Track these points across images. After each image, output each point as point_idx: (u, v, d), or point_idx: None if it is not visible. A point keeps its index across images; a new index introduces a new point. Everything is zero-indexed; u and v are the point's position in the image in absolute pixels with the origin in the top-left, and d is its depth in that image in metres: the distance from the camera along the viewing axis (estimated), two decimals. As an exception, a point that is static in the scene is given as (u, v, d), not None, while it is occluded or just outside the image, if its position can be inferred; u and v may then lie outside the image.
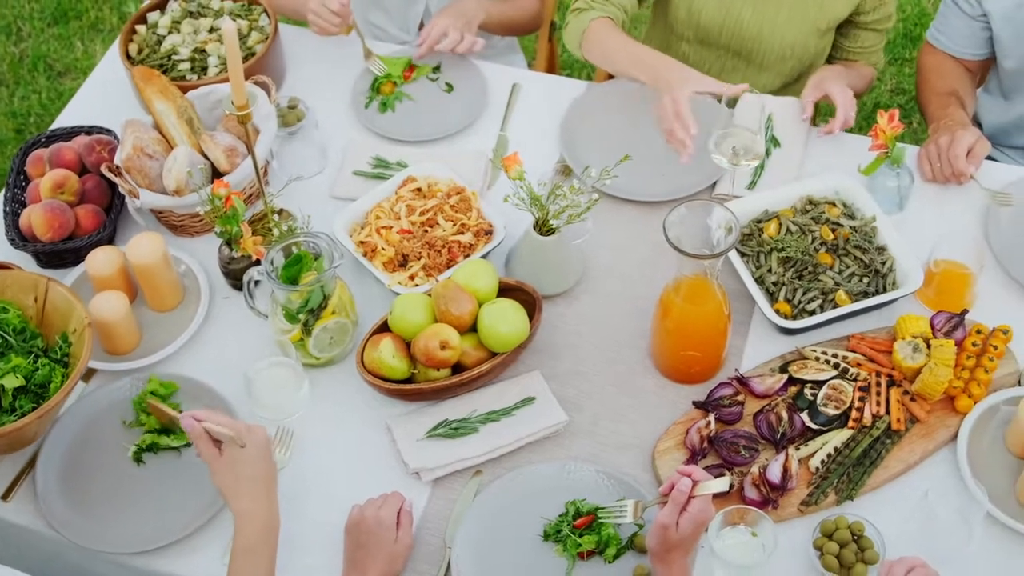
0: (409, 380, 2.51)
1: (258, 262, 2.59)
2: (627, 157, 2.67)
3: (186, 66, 3.07)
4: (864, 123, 4.27)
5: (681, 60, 3.24)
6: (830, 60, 3.33)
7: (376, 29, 3.55)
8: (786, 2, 3.09)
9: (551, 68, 3.82)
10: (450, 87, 3.14)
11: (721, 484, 2.11)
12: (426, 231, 2.71)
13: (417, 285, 2.64)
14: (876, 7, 3.14)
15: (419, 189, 2.80)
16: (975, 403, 2.51)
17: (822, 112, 3.49)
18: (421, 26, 3.47)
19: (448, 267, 2.66)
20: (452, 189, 2.79)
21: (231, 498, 2.17)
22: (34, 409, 2.36)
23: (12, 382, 2.39)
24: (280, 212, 2.80)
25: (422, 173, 2.84)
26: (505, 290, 2.59)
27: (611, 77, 3.27)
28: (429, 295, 2.54)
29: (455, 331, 2.46)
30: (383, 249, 2.68)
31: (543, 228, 2.61)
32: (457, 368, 2.51)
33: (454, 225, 2.72)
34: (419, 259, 2.67)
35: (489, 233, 2.73)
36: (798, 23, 3.11)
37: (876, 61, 3.32)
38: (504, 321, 2.47)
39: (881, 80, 4.95)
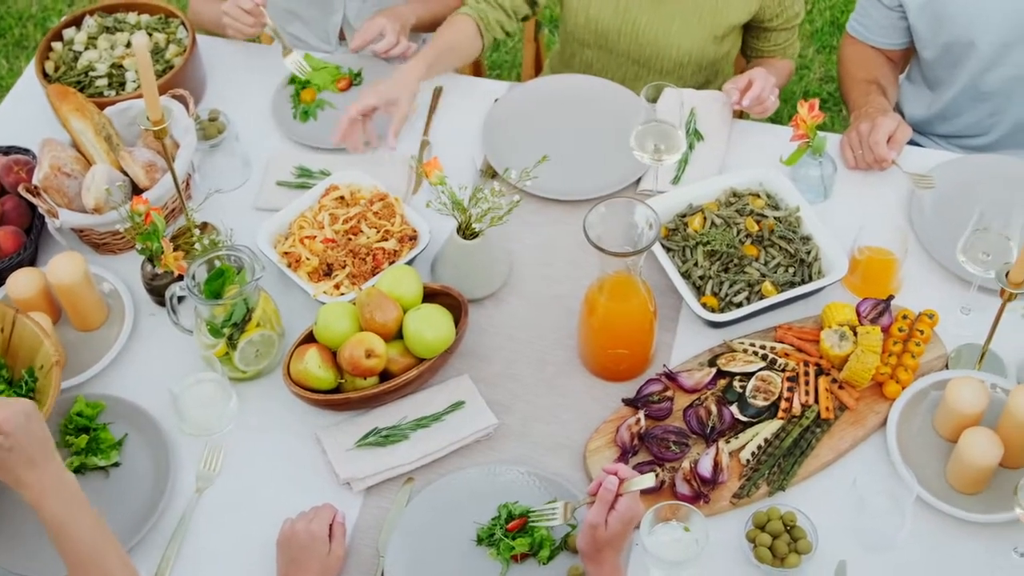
0: (337, 390, 2.49)
1: (181, 278, 2.56)
2: (545, 158, 2.68)
3: (104, 82, 3.04)
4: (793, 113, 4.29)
5: (586, 66, 3.28)
6: (747, 60, 3.35)
7: (296, 40, 3.53)
8: (680, 9, 3.11)
9: (476, 69, 3.81)
10: (372, 93, 3.13)
11: (647, 480, 2.10)
12: (350, 239, 2.70)
13: (343, 294, 2.62)
14: (779, 12, 3.17)
15: (342, 197, 2.79)
16: (903, 388, 2.52)
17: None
18: (341, 35, 3.45)
19: (373, 274, 2.65)
20: (375, 196, 2.77)
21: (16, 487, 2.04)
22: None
23: None
24: (203, 226, 2.78)
25: (344, 181, 2.82)
26: (431, 295, 2.58)
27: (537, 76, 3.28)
28: (354, 304, 2.52)
29: (380, 339, 2.45)
30: (307, 259, 2.67)
31: (466, 232, 2.60)
32: (385, 376, 2.49)
33: (378, 232, 2.70)
34: (344, 268, 2.66)
35: (414, 239, 2.72)
36: (693, 30, 3.13)
37: (792, 54, 3.35)
38: (429, 327, 2.46)
39: (809, 69, 4.98)
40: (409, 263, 2.67)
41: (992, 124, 3.19)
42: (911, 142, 3.11)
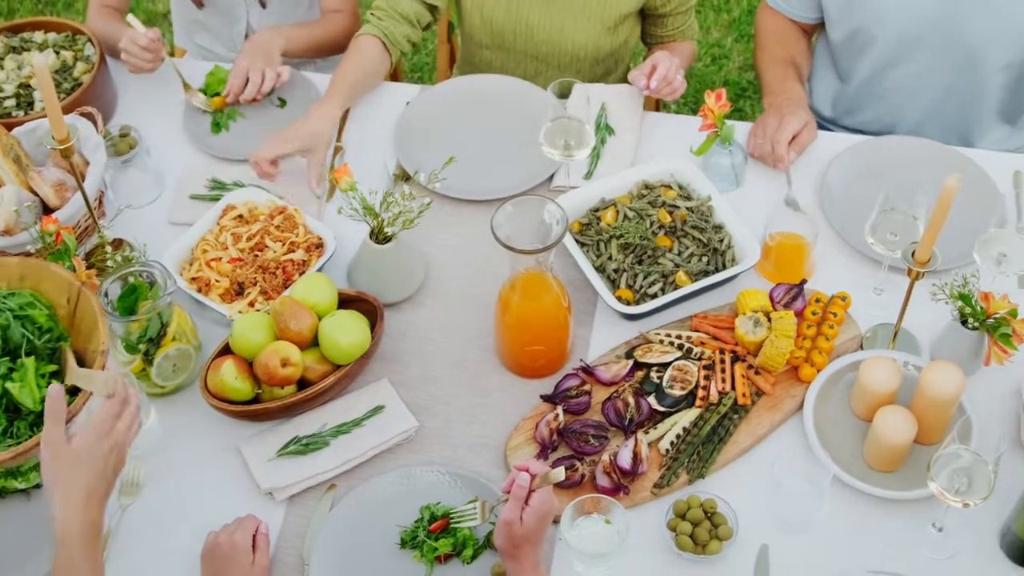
0: (256, 400, 2.49)
1: (94, 295, 2.55)
2: (452, 159, 2.70)
3: (12, 103, 3.02)
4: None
5: (486, 66, 3.29)
6: (648, 48, 3.37)
7: (204, 51, 3.52)
8: (571, 4, 3.13)
9: (393, 73, 3.81)
10: (283, 102, 3.12)
11: (558, 474, 2.12)
12: (256, 256, 2.69)
13: (258, 311, 2.61)
14: None
15: (241, 216, 2.78)
16: (818, 371, 2.55)
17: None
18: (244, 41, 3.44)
19: (285, 288, 2.65)
20: (274, 210, 2.77)
21: (49, 499, 2.05)
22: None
23: (27, 399, 2.34)
24: (117, 243, 2.77)
25: (240, 200, 2.81)
26: (346, 301, 2.58)
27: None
28: (269, 314, 2.52)
29: (296, 347, 2.45)
30: (216, 282, 2.66)
31: (379, 237, 2.60)
32: (304, 384, 2.49)
33: (283, 245, 2.70)
34: (254, 285, 2.65)
35: (320, 246, 2.72)
36: (585, 23, 3.15)
37: (692, 35, 3.38)
38: (344, 332, 2.46)
39: (728, 58, 5.01)
40: (320, 271, 2.67)
41: (892, 123, 3.22)
42: (820, 127, 3.15)
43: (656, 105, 3.60)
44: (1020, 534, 2.27)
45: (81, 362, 2.39)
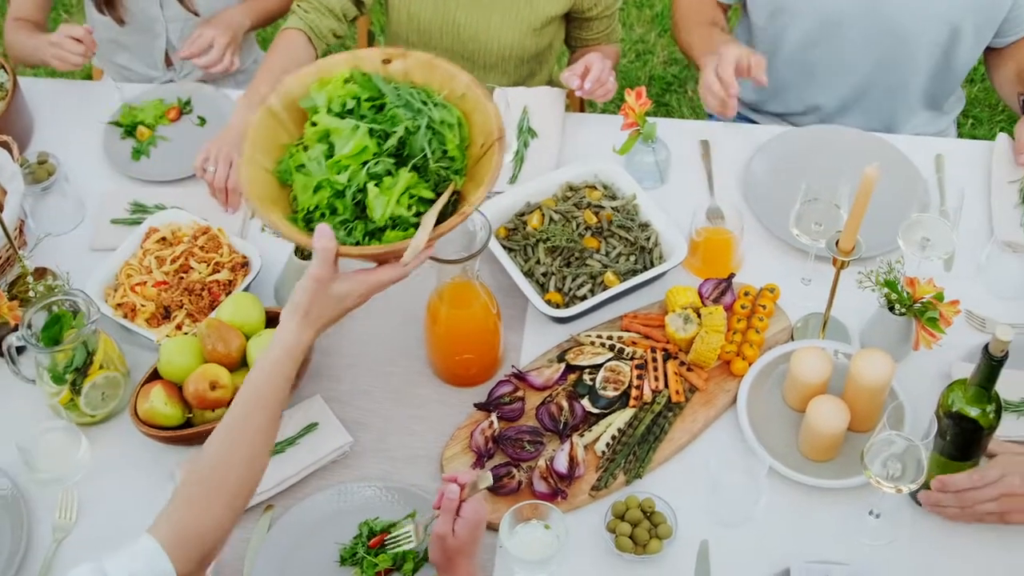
0: (188, 424, 2.46)
1: (17, 327, 2.52)
2: None
3: (-74, 136, 2.98)
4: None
5: None
6: (572, 51, 3.37)
7: (123, 70, 3.49)
8: (498, 4, 3.13)
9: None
10: (203, 120, 3.10)
11: (486, 479, 2.12)
12: (181, 278, 2.66)
13: (186, 334, 2.59)
14: (596, 2, 3.20)
15: (164, 238, 2.75)
16: (750, 364, 2.55)
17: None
18: (167, 61, 3.42)
19: (212, 308, 2.62)
20: (197, 230, 2.74)
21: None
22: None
23: (377, 208, 2.03)
24: (40, 272, 2.73)
25: (163, 222, 2.79)
26: (274, 319, 2.55)
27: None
28: (196, 336, 2.50)
29: (225, 369, 2.43)
30: (142, 306, 2.63)
31: (304, 251, 2.59)
32: (235, 405, 2.47)
33: (208, 266, 2.68)
34: (181, 307, 2.62)
35: (246, 265, 2.69)
36: (511, 23, 3.14)
37: (616, 39, 3.38)
38: (273, 351, 2.44)
39: (652, 53, 5.03)
40: (246, 290, 2.65)
41: (817, 105, 3.23)
42: (745, 118, 3.16)
43: (580, 106, 3.60)
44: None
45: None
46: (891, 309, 2.49)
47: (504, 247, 2.70)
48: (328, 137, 2.06)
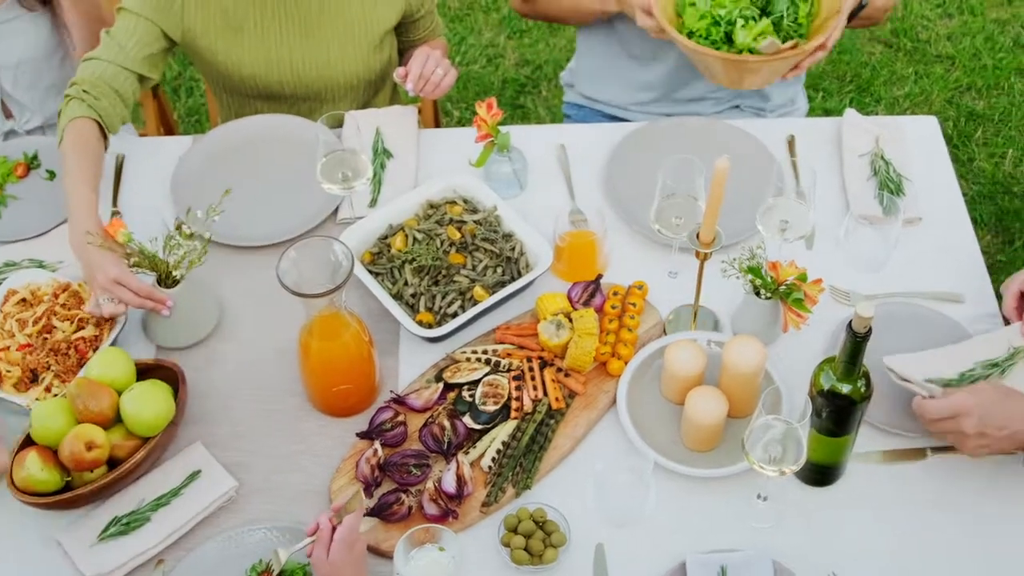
0: (67, 487, 2.41)
1: None
2: (228, 191, 2.70)
3: None
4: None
5: (257, 114, 3.21)
6: (401, 56, 3.35)
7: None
8: (331, 34, 3.09)
9: (167, 125, 3.73)
10: (51, 174, 3.03)
11: (357, 498, 2.16)
12: (45, 339, 2.61)
13: (56, 395, 2.54)
14: (422, 2, 3.21)
15: (24, 299, 2.69)
16: (626, 363, 2.57)
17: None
18: (5, 111, 3.33)
19: (80, 367, 2.57)
20: (57, 288, 2.69)
21: None
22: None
23: None
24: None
25: (20, 283, 2.72)
26: (145, 371, 2.52)
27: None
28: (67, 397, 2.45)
29: (99, 428, 2.38)
30: (8, 372, 2.57)
31: (167, 281, 2.57)
32: (113, 463, 2.42)
33: (72, 323, 2.63)
34: (48, 369, 2.57)
35: (112, 318, 2.65)
36: (352, 49, 3.12)
37: (440, 32, 3.39)
38: (146, 404, 2.40)
39: (504, 56, 5.03)
40: (114, 343, 2.60)
41: (676, 88, 3.27)
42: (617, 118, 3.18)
43: (435, 121, 3.60)
44: (811, 459, 2.34)
45: None
46: (757, 294, 2.52)
47: (370, 272, 2.69)
48: None
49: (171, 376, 2.52)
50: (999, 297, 2.62)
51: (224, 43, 3.06)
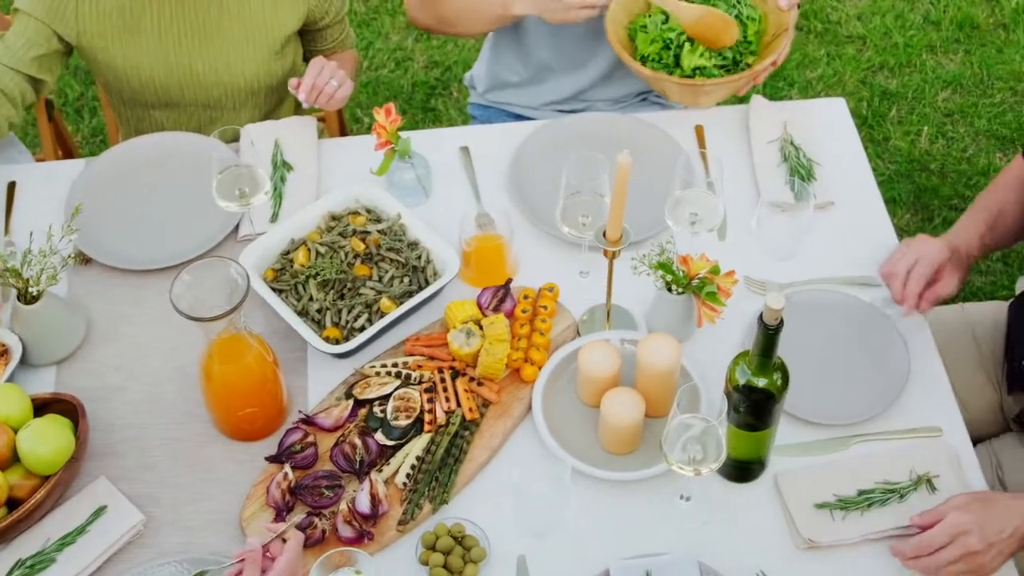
0: (-33, 532, 2.33)
1: None
2: (79, 208, 2.66)
3: None
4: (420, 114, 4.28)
5: (157, 126, 3.16)
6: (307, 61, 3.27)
7: None
8: (231, 39, 3.01)
9: (65, 147, 3.63)
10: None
11: (290, 529, 2.13)
12: (-64, 383, 2.52)
13: (-52, 438, 2.45)
14: (327, 10, 3.13)
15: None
16: (540, 368, 2.51)
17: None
18: None
19: (-28, 406, 2.48)
20: (-54, 325, 2.60)
21: None
22: None
23: None
24: None
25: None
26: (42, 406, 2.43)
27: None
28: (-41, 439, 2.36)
29: (-5, 469, 2.30)
30: None
31: (27, 297, 2.52)
32: (13, 504, 2.33)
33: (-38, 362, 2.54)
34: (-61, 410, 2.48)
35: (5, 353, 2.55)
36: (251, 54, 3.04)
37: (351, 44, 3.32)
38: (44, 441, 2.31)
39: (412, 59, 4.97)
40: (10, 380, 2.51)
41: (580, 84, 3.22)
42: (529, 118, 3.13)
43: (341, 130, 3.52)
44: (732, 455, 2.30)
45: None
46: (669, 290, 2.48)
47: (274, 289, 2.61)
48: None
49: (70, 409, 2.43)
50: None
51: (121, 45, 2.98)
